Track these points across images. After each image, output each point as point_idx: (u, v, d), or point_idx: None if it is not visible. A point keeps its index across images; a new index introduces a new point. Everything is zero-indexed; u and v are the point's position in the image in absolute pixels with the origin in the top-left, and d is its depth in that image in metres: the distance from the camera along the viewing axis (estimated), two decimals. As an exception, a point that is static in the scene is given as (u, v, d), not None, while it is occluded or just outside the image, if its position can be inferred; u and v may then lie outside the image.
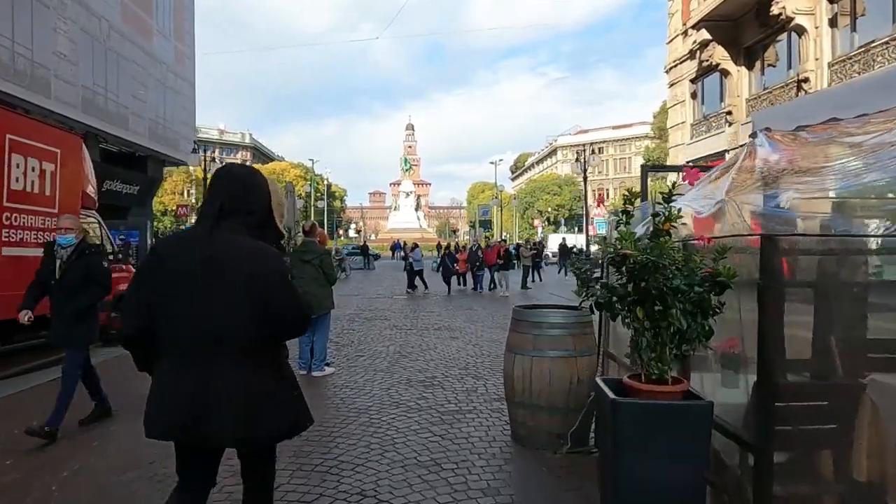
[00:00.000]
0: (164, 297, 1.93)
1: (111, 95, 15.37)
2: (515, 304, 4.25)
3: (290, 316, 1.99)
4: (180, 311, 1.91)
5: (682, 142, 19.97)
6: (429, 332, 9.23)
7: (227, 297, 1.89)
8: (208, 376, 1.87)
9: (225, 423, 1.86)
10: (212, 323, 1.88)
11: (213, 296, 1.89)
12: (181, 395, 1.88)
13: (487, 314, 11.77)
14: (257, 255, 1.95)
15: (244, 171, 2.18)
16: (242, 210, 2.01)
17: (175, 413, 1.88)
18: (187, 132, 20.25)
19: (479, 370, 6.37)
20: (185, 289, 1.90)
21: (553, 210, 76.81)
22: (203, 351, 1.88)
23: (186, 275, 1.91)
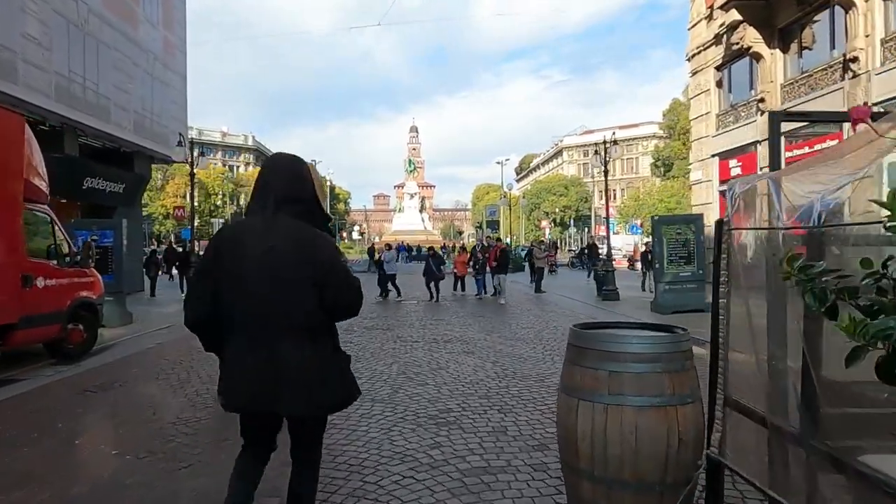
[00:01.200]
0: (231, 283, 2.11)
1: (90, 84, 14.14)
2: (573, 325, 2.91)
3: (345, 296, 2.17)
4: (247, 295, 2.08)
5: (706, 134, 18.61)
6: (438, 346, 7.91)
7: (289, 280, 2.07)
8: (275, 353, 2.06)
9: (293, 395, 2.06)
10: (276, 305, 2.07)
11: (276, 280, 2.07)
12: (252, 370, 2.08)
13: (502, 323, 10.44)
14: (313, 240, 2.14)
15: (292, 160, 2.30)
16: (293, 198, 2.17)
17: (248, 387, 2.08)
18: (178, 128, 18.99)
19: (504, 399, 5.04)
20: (250, 274, 2.08)
21: (560, 211, 75.58)
22: (269, 330, 2.08)
23: (250, 261, 2.09)
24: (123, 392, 5.65)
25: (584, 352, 2.63)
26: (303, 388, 2.07)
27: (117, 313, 10.53)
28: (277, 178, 2.21)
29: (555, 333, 8.97)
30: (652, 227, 12.08)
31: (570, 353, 2.74)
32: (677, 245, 11.81)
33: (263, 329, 2.08)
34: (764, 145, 15.40)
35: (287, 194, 2.16)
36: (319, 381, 2.10)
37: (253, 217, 2.19)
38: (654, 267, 12.01)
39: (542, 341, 8.25)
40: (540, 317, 11.24)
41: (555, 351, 7.44)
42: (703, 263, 11.89)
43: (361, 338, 8.71)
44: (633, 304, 13.38)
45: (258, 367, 2.07)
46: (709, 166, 18.47)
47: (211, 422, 4.62)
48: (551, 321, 10.56)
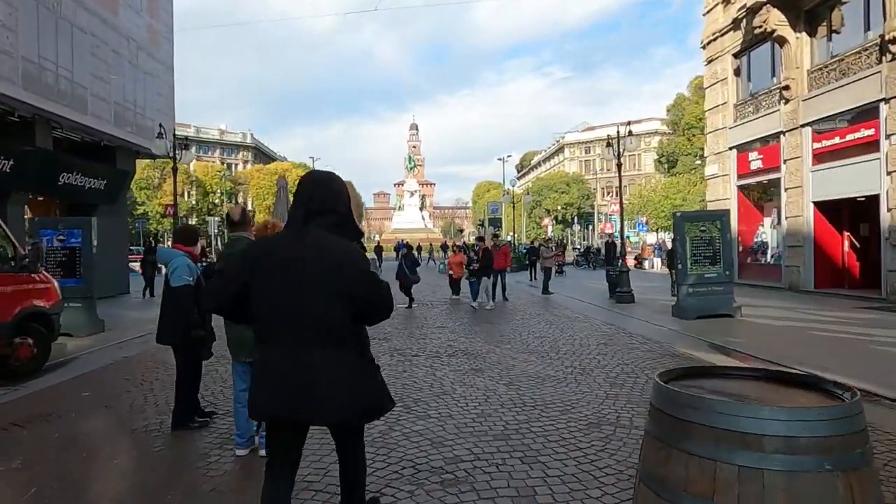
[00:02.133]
0: (263, 292, 2.16)
1: (63, 72, 13.10)
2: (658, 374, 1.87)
3: (374, 304, 2.23)
4: (279, 303, 2.13)
5: (722, 125, 17.57)
6: (441, 362, 6.89)
7: (319, 289, 2.11)
8: (307, 360, 2.09)
9: (325, 402, 2.08)
10: (307, 313, 2.11)
11: (307, 289, 2.11)
12: (285, 377, 2.09)
13: (512, 331, 9.42)
14: (342, 251, 2.19)
15: (326, 176, 2.37)
16: (326, 211, 2.23)
17: (281, 394, 2.09)
18: (165, 121, 17.92)
19: (526, 440, 4.02)
20: (282, 283, 2.13)
21: (562, 209, 74.56)
22: (301, 338, 2.11)
23: (282, 271, 2.14)
24: (57, 427, 4.63)
25: (689, 428, 1.59)
26: (331, 397, 2.10)
27: (85, 321, 9.52)
28: (311, 190, 2.28)
29: (572, 345, 7.96)
30: (673, 224, 11.05)
31: (660, 424, 1.71)
32: (702, 243, 10.77)
33: (293, 338, 2.12)
34: (789, 136, 14.38)
35: (319, 207, 2.22)
36: (348, 389, 2.13)
37: (286, 229, 2.29)
38: (676, 267, 10.98)
39: (560, 355, 7.23)
40: (552, 323, 10.22)
41: (575, 368, 6.42)
42: (731, 263, 10.87)
43: (354, 350, 7.70)
44: (651, 307, 12.36)
45: (288, 376, 2.10)
46: (725, 160, 17.43)
47: (152, 475, 3.60)
48: (565, 329, 9.54)
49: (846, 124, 12.99)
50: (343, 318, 2.14)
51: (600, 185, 78.21)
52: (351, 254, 2.21)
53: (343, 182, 2.37)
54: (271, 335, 2.17)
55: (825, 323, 9.83)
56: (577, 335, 8.82)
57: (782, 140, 14.75)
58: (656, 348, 7.71)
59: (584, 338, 8.56)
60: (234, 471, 3.63)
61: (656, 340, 8.30)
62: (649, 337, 8.61)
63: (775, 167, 15.22)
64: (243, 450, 3.80)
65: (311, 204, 2.23)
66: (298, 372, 2.08)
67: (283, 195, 23.21)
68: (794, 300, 12.99)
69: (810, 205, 14.12)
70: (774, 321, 10.07)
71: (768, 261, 16.29)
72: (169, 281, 4.32)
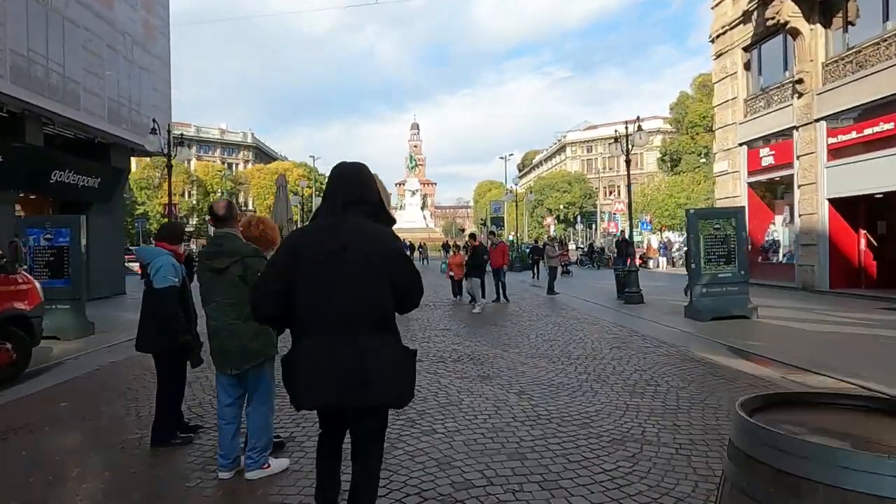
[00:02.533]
0: (304, 283, 2.17)
1: (55, 66, 12.71)
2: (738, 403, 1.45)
3: (412, 290, 2.27)
4: (320, 293, 2.15)
5: (732, 121, 17.12)
6: (446, 367, 6.47)
7: (361, 277, 2.14)
8: (351, 348, 2.10)
9: (376, 389, 2.12)
10: (349, 301, 2.12)
11: (348, 277, 2.13)
12: (329, 366, 2.11)
13: (519, 334, 9.00)
14: (381, 238, 2.23)
15: (357, 167, 2.38)
16: (359, 200, 2.26)
17: (326, 383, 2.11)
18: (161, 117, 17.53)
19: (544, 459, 3.60)
20: (323, 273, 2.15)
21: (564, 208, 74.10)
22: (343, 327, 2.11)
23: (322, 261, 2.15)
24: (26, 442, 4.22)
25: (803, 488, 1.17)
26: (380, 381, 2.13)
27: (73, 324, 9.11)
28: (344, 182, 2.31)
29: (584, 348, 7.54)
30: (687, 222, 10.62)
31: (753, 475, 1.29)
32: (716, 242, 10.35)
33: (339, 326, 2.12)
34: (802, 131, 13.94)
35: (354, 197, 2.26)
36: (393, 374, 2.18)
37: (322, 219, 2.30)
38: (689, 267, 10.55)
39: (572, 360, 6.81)
40: (560, 325, 9.79)
41: (590, 374, 6.01)
42: (746, 263, 10.45)
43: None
44: (662, 308, 11.93)
45: (337, 365, 2.10)
46: (735, 156, 16.99)
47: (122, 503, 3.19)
48: (575, 331, 9.12)
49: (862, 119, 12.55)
50: (388, 304, 2.19)
51: (602, 184, 77.75)
52: (392, 240, 2.27)
53: (371, 172, 2.39)
54: (315, 326, 2.16)
55: (846, 325, 9.40)
56: (588, 338, 8.40)
57: (795, 135, 14.31)
58: (673, 352, 7.29)
59: (596, 341, 8.14)
60: (216, 497, 3.22)
61: (671, 343, 7.88)
62: (664, 340, 8.19)
63: (788, 163, 14.78)
64: (227, 472, 3.39)
65: (346, 194, 2.25)
66: (347, 360, 2.10)
67: (282, 194, 22.82)
68: (809, 300, 12.56)
69: (825, 202, 13.67)
70: (792, 323, 9.64)
71: (780, 260, 15.86)
72: (151, 282, 3.91)
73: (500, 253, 14.41)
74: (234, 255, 3.29)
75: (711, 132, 52.39)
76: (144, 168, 69.94)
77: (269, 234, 3.76)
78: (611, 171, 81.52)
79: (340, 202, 2.24)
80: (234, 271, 3.27)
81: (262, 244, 3.60)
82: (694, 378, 5.84)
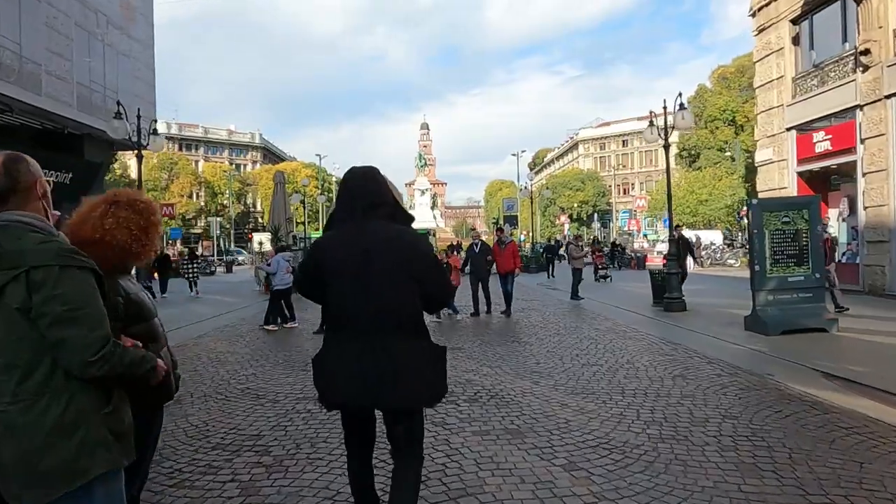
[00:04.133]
0: (332, 286, 2.21)
1: (8, 44, 11.17)
2: None
3: (438, 291, 2.35)
4: (348, 296, 2.17)
5: (778, 103, 15.20)
6: (457, 411, 4.74)
7: (388, 279, 2.15)
8: (379, 350, 2.11)
9: (398, 390, 2.11)
10: (376, 303, 2.13)
11: (375, 279, 2.14)
12: (356, 368, 2.12)
13: (549, 354, 7.24)
14: (407, 239, 2.25)
15: (369, 170, 2.37)
16: (378, 203, 2.26)
17: (353, 385, 2.13)
18: (145, 108, 15.94)
19: None
20: (350, 276, 2.16)
21: (577, 206, 72.25)
22: (371, 328, 2.13)
23: (350, 264, 2.17)
24: None
25: None
26: (409, 383, 2.13)
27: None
28: (359, 186, 2.30)
29: (637, 377, 5.77)
30: (749, 214, 8.80)
31: None
32: (784, 238, 8.53)
33: (366, 329, 2.13)
34: (868, 110, 12.01)
35: (372, 200, 2.25)
36: (423, 375, 2.17)
37: (343, 224, 2.28)
38: (752, 269, 8.72)
39: (626, 397, 5.07)
40: (597, 341, 8.03)
41: (662, 425, 4.24)
42: (821, 263, 8.61)
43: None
44: (710, 317, 10.12)
45: (364, 366, 2.11)
46: (782, 142, 15.08)
47: None
48: (617, 350, 7.35)
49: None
50: (415, 305, 2.22)
51: (616, 181, 75.70)
52: (418, 241, 2.28)
53: (380, 172, 2.38)
54: (343, 328, 2.19)
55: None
56: (637, 360, 6.63)
57: (859, 115, 12.40)
58: (756, 383, 5.50)
59: (649, 365, 6.37)
60: None
61: (748, 369, 6.08)
62: (735, 363, 6.40)
63: (848, 148, 12.87)
64: None
65: (363, 198, 2.25)
66: (374, 361, 2.10)
67: (280, 191, 21.25)
68: (885, 307, 10.65)
69: (897, 192, 11.77)
70: (884, 338, 7.78)
71: (839, 259, 13.94)
72: None
73: (509, 255, 11.74)
74: (10, 266, 1.55)
75: (732, 125, 50.53)
76: (151, 169, 69.18)
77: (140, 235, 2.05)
78: (624, 168, 79.42)
79: (359, 207, 2.24)
80: (10, 298, 1.54)
81: (117, 252, 1.92)
82: (809, 429, 4.07)
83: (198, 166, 76.12)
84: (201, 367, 6.93)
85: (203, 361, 7.35)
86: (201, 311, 13.25)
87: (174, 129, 77.63)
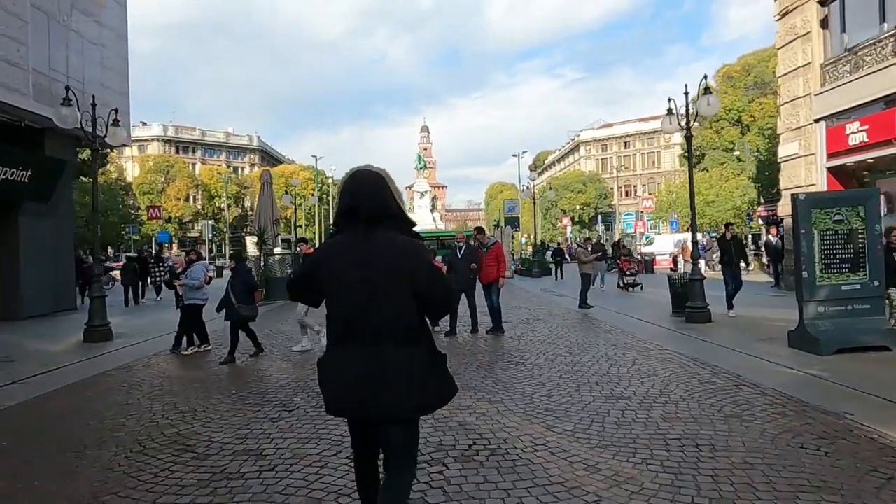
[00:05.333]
0: (333, 295, 2.22)
1: (-54, 23, 9.93)
2: None
3: (441, 299, 2.26)
4: (349, 305, 2.15)
5: (804, 93, 13.91)
6: (450, 478, 3.44)
7: (389, 288, 2.13)
8: (378, 359, 2.10)
9: (394, 399, 2.10)
10: (378, 313, 2.12)
11: (377, 289, 2.12)
12: (355, 377, 2.11)
13: (562, 382, 5.94)
14: (407, 249, 2.19)
15: (373, 175, 2.28)
16: (381, 212, 2.20)
17: (352, 392, 2.13)
18: (117, 100, 14.68)
19: None
20: (352, 286, 2.14)
21: (579, 208, 71.00)
22: (372, 338, 2.12)
23: (351, 274, 2.14)
24: None
25: None
26: (404, 392, 2.11)
27: None
28: (364, 194, 2.23)
29: (677, 415, 4.47)
30: (793, 211, 7.49)
31: None
32: (838, 240, 7.24)
33: (367, 338, 2.13)
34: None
35: (375, 209, 2.20)
36: (420, 384, 2.15)
37: (346, 234, 2.24)
38: (798, 274, 7.41)
39: (669, 446, 3.79)
40: (619, 364, 6.71)
41: (731, 492, 2.95)
42: (882, 269, 7.30)
43: (294, 442, 4.29)
44: (744, 329, 8.82)
45: (361, 374, 2.10)
46: (810, 135, 13.78)
47: None
48: (645, 376, 6.04)
49: None
50: (412, 315, 2.18)
51: (619, 184, 74.45)
52: (419, 252, 2.24)
53: (386, 176, 2.30)
54: (342, 337, 2.18)
55: None
56: (672, 390, 5.33)
57: (902, 103, 11.12)
58: (839, 428, 4.19)
59: (688, 397, 5.07)
60: None
61: (817, 405, 4.76)
62: (796, 395, 5.10)
63: (888, 140, 11.57)
64: None
65: (368, 205, 2.19)
66: (373, 370, 2.09)
67: (266, 191, 19.93)
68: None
69: (945, 187, 10.49)
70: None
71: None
72: None
73: (491, 260, 9.40)
74: None
75: (738, 125, 49.18)
76: (147, 172, 67.91)
77: None
78: (626, 170, 78.11)
79: (363, 214, 2.18)
80: None
81: None
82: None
83: (195, 169, 74.92)
84: (134, 400, 5.64)
85: (142, 390, 6.05)
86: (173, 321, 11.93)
87: (171, 131, 76.54)
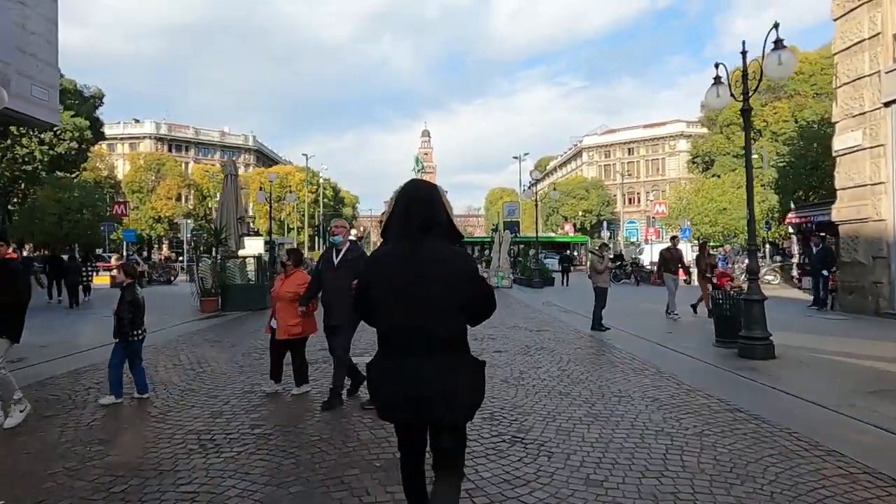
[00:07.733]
0: (385, 305, 2.30)
1: None
2: None
3: (486, 310, 2.36)
4: (400, 313, 2.24)
5: (870, 71, 11.43)
6: None
7: (437, 298, 2.21)
8: (431, 367, 2.19)
9: (448, 405, 2.19)
10: (426, 321, 2.21)
11: (425, 298, 2.21)
12: (409, 384, 2.19)
13: (583, 488, 3.42)
14: (456, 259, 2.30)
15: (427, 187, 2.44)
16: (433, 222, 2.31)
17: (401, 400, 2.21)
18: (43, 70, 12.29)
19: None
20: (402, 296, 2.23)
21: (581, 215, 68.78)
22: (420, 344, 2.20)
23: (402, 284, 2.24)
24: None
25: None
26: (458, 398, 2.21)
27: None
28: (418, 205, 2.33)
29: None
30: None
31: None
32: None
33: (413, 346, 2.20)
34: None
35: (428, 220, 2.30)
36: (464, 390, 2.24)
37: (398, 242, 2.33)
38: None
39: None
40: (669, 435, 4.20)
41: None
42: None
43: None
44: (823, 371, 6.31)
45: (415, 382, 2.18)
46: (877, 122, 11.29)
47: None
48: (715, 464, 3.52)
49: None
50: (462, 325, 2.29)
51: (622, 190, 72.19)
52: (469, 263, 2.33)
53: (439, 189, 2.44)
54: (392, 345, 2.27)
55: None
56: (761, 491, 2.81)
57: None
58: None
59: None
60: None
61: None
62: None
63: None
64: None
65: (422, 218, 2.29)
66: (427, 379, 2.17)
67: (230, 185, 17.39)
68: None
69: None
70: None
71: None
72: None
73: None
74: None
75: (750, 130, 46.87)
76: (138, 170, 65.61)
77: None
78: (630, 177, 75.83)
79: (416, 225, 2.28)
80: None
81: None
82: None
83: (188, 168, 72.67)
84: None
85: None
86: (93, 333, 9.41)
87: (164, 129, 74.47)
